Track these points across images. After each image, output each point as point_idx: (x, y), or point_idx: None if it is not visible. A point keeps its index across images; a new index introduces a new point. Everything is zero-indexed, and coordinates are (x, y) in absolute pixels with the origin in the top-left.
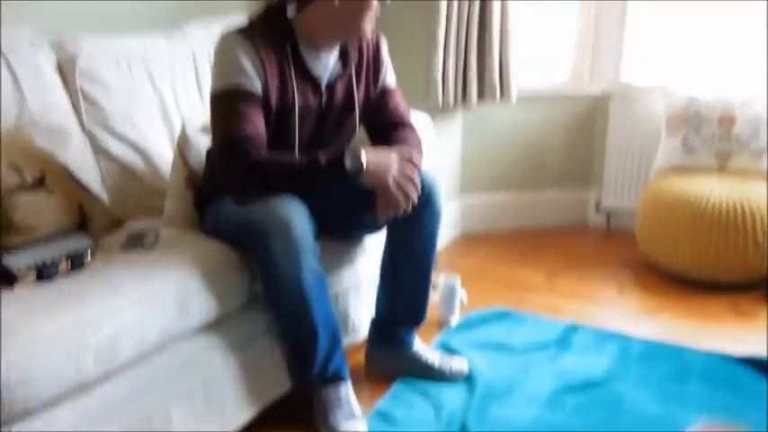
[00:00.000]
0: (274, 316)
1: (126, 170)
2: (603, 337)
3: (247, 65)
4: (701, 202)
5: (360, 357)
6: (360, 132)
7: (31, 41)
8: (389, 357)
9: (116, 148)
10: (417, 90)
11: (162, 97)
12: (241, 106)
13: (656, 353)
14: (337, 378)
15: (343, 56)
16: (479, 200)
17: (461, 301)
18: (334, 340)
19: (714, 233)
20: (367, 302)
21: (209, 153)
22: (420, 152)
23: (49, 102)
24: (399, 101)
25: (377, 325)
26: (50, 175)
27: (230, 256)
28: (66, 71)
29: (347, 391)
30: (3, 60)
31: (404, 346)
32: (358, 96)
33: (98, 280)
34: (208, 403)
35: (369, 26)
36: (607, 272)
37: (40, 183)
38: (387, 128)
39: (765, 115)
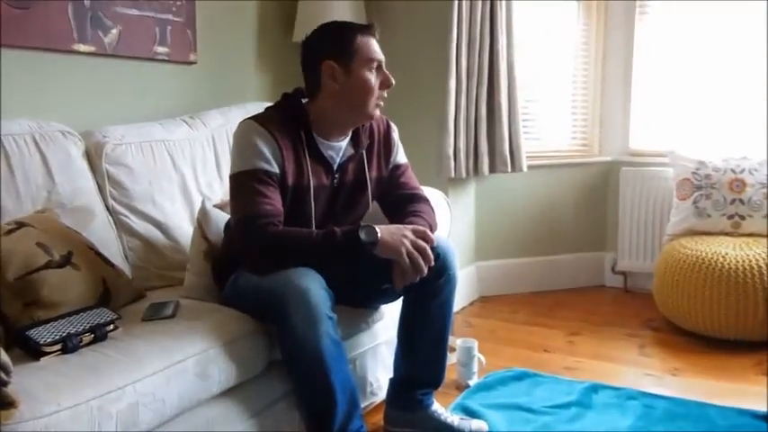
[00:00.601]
0: (293, 381)
1: (148, 245)
2: (626, 395)
3: (264, 149)
4: (717, 260)
5: (378, 419)
6: (375, 208)
7: (63, 132)
8: (408, 419)
9: (138, 224)
10: (430, 166)
11: (183, 176)
12: (259, 185)
13: (680, 411)
14: None
15: (355, 139)
16: (496, 264)
17: (480, 363)
18: (353, 404)
19: (732, 292)
20: (385, 364)
21: (227, 226)
22: (434, 222)
23: (77, 186)
24: (410, 175)
25: (395, 387)
26: (77, 253)
27: (249, 325)
28: (93, 157)
29: None
30: (36, 149)
31: (422, 407)
32: (370, 176)
33: (120, 351)
34: None
35: (376, 110)
36: (627, 332)
37: (66, 260)
38: (401, 200)
39: None
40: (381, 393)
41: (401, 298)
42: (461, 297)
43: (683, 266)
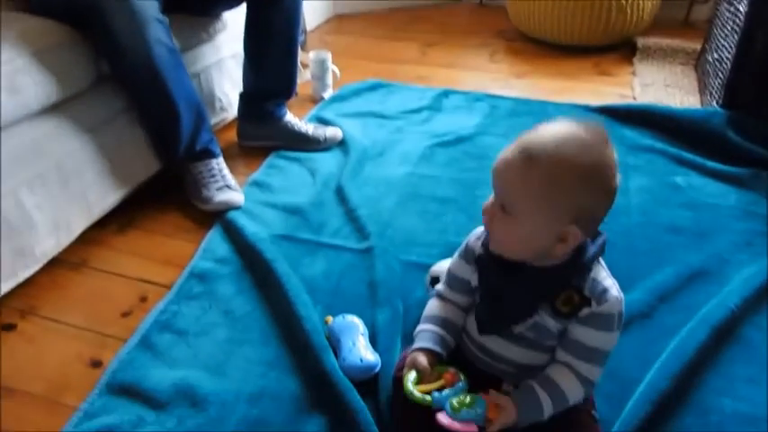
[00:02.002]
0: (129, 96)
1: None
2: (474, 98)
3: None
4: None
5: (232, 135)
6: None
7: None
8: (261, 131)
9: None
10: None
11: None
12: None
13: (522, 109)
14: (207, 154)
15: None
16: None
17: (334, 76)
18: (199, 116)
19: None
20: (233, 79)
21: None
22: None
23: None
24: None
25: (245, 100)
26: None
27: (65, 34)
28: None
29: (220, 165)
30: None
31: (275, 118)
32: None
33: None
34: (65, 187)
35: None
36: (479, 42)
37: None
38: None
39: None
40: (232, 110)
41: (244, 5)
42: (316, 14)
43: None
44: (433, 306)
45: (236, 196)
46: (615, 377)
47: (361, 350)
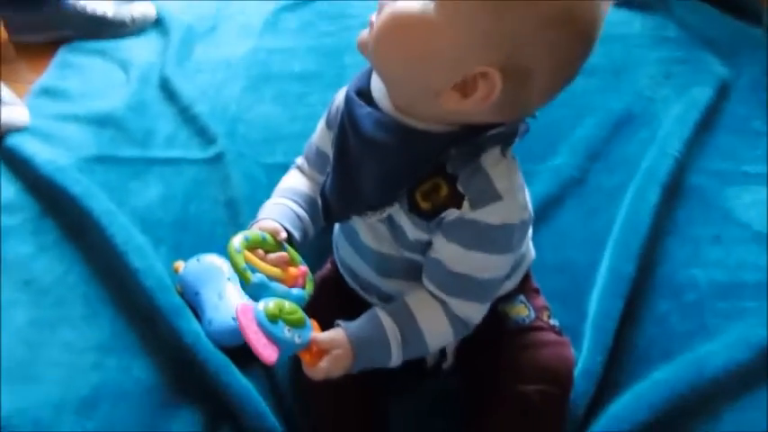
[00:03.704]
0: None
1: None
2: None
3: None
4: None
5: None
6: None
7: None
8: (38, 19)
9: None
10: None
11: None
12: None
13: None
14: None
15: None
16: None
17: None
18: None
19: None
20: None
21: None
22: None
23: None
24: None
25: None
26: None
27: None
28: None
29: None
30: None
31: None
32: None
33: None
34: None
35: None
36: None
37: None
38: None
39: None
40: None
41: None
42: None
43: None
44: (289, 178)
45: (15, 113)
46: (563, 267)
47: (232, 304)
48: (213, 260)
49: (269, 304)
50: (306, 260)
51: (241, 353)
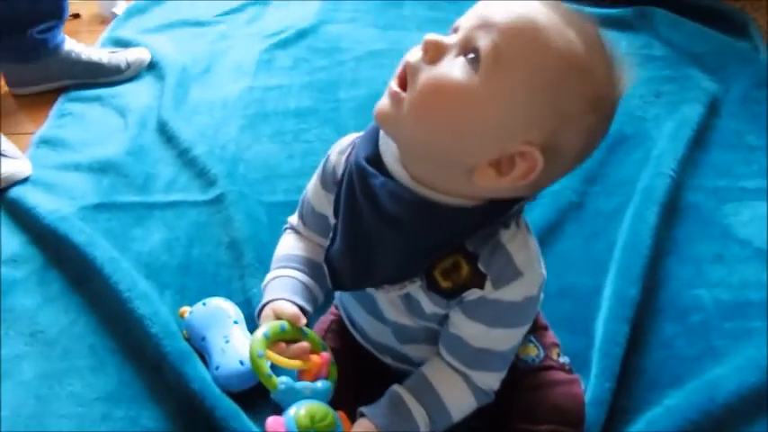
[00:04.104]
0: None
1: None
2: None
3: None
4: None
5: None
6: None
7: None
8: (36, 71)
9: None
10: None
11: None
12: None
13: None
14: None
15: None
16: None
17: None
18: None
19: None
20: None
21: None
22: None
23: None
24: None
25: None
26: None
27: None
28: None
29: None
30: None
31: (49, 50)
32: None
33: None
34: None
35: None
36: None
37: None
38: None
39: None
40: None
41: None
42: None
43: None
44: (287, 243)
45: (17, 165)
46: (567, 293)
47: (239, 347)
48: (219, 303)
49: (301, 416)
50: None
51: (249, 397)
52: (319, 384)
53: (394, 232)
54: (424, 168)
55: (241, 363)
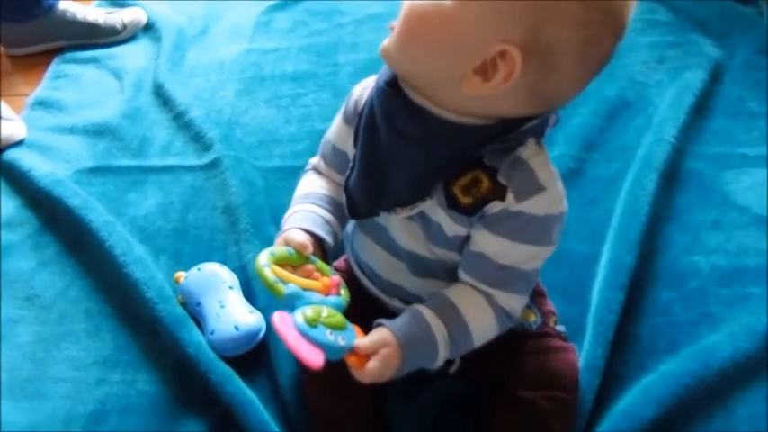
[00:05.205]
0: None
1: None
2: None
3: None
4: None
5: None
6: None
7: None
8: (30, 31)
9: None
10: None
11: None
12: None
13: None
14: None
15: None
16: None
17: None
18: None
19: None
20: None
21: None
22: None
23: None
24: None
25: None
26: None
27: None
28: None
29: None
30: None
31: (43, 9)
32: None
33: None
34: None
35: None
36: None
37: None
38: None
39: None
40: None
41: None
42: None
43: None
44: (308, 182)
45: (13, 128)
46: (563, 259)
47: (234, 312)
48: (214, 269)
49: (306, 310)
50: None
51: (244, 362)
52: (330, 299)
53: (409, 149)
54: (427, 92)
55: (236, 327)
